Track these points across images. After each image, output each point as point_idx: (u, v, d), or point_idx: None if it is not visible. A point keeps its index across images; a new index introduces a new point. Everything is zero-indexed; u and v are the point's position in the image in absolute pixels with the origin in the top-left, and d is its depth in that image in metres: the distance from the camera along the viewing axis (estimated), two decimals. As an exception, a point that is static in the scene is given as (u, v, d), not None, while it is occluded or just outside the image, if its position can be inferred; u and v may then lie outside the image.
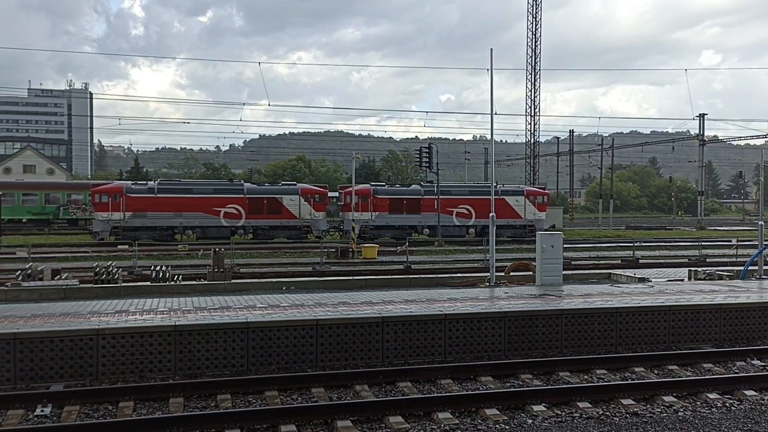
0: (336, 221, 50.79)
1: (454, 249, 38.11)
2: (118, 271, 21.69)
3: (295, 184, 46.17)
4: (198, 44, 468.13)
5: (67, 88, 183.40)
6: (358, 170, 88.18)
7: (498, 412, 8.87)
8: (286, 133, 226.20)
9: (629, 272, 22.95)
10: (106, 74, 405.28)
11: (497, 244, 39.11)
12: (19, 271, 20.96)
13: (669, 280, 19.74)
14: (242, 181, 49.27)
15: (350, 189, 46.23)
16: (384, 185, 48.39)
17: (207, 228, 42.01)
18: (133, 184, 43.48)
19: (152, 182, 44.80)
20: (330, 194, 48.91)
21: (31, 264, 21.99)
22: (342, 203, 46.47)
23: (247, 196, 42.85)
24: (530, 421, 8.68)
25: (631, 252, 32.87)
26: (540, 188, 52.03)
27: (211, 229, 42.05)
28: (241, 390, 9.77)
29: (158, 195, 41.61)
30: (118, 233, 40.42)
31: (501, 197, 45.86)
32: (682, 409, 9.19)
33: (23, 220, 54.43)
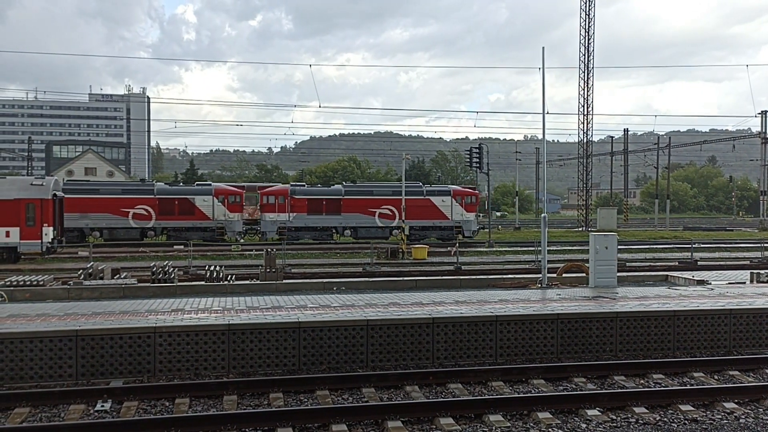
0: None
1: (505, 250, 37.74)
2: (174, 270, 22.24)
3: (210, 185, 44.86)
4: (247, 48, 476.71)
5: (126, 93, 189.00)
6: (408, 171, 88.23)
7: (550, 416, 8.74)
8: (337, 134, 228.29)
9: (687, 275, 22.28)
10: (162, 78, 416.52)
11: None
12: (81, 270, 21.74)
13: (730, 283, 19.08)
14: (153, 182, 48.22)
15: (268, 189, 45.00)
16: (304, 185, 47.08)
17: (114, 229, 40.92)
18: None
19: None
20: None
21: (92, 263, 22.76)
22: (260, 204, 45.26)
23: (158, 196, 41.62)
24: (584, 425, 8.52)
25: (689, 254, 31.94)
26: (469, 188, 49.92)
27: (119, 231, 40.94)
28: (293, 389, 9.89)
29: (64, 195, 39.98)
30: None
31: (427, 197, 44.46)
32: (743, 416, 8.89)
33: None
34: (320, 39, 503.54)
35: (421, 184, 49.55)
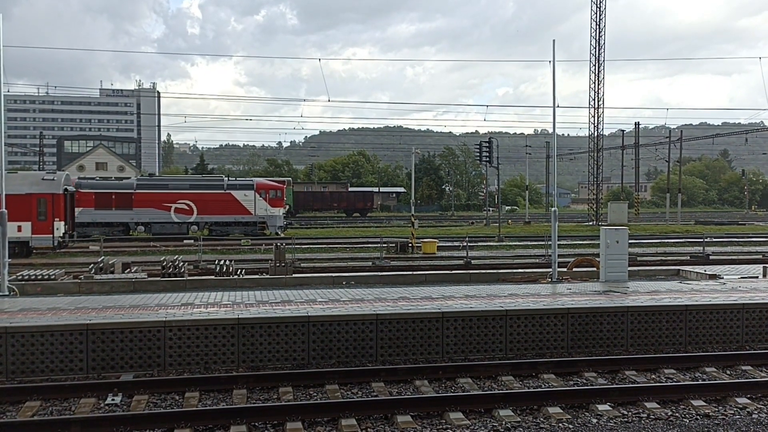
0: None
1: (515, 245, 37.62)
2: (184, 265, 22.29)
3: None
4: (252, 43, 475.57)
5: (136, 88, 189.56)
6: (418, 165, 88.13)
7: (561, 411, 8.69)
8: (346, 128, 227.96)
9: (699, 269, 22.11)
10: (169, 74, 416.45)
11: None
12: (92, 265, 21.84)
13: (742, 278, 18.93)
14: None
15: None
16: (94, 179, 45.19)
17: None
18: None
19: None
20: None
21: (103, 258, 22.87)
22: None
23: None
24: (595, 420, 8.47)
25: (701, 248, 31.68)
26: (276, 182, 47.75)
27: None
28: (302, 383, 9.89)
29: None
30: None
31: (228, 191, 43.25)
32: (756, 411, 8.80)
33: None
34: (325, 34, 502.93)
35: (223, 177, 47.74)
